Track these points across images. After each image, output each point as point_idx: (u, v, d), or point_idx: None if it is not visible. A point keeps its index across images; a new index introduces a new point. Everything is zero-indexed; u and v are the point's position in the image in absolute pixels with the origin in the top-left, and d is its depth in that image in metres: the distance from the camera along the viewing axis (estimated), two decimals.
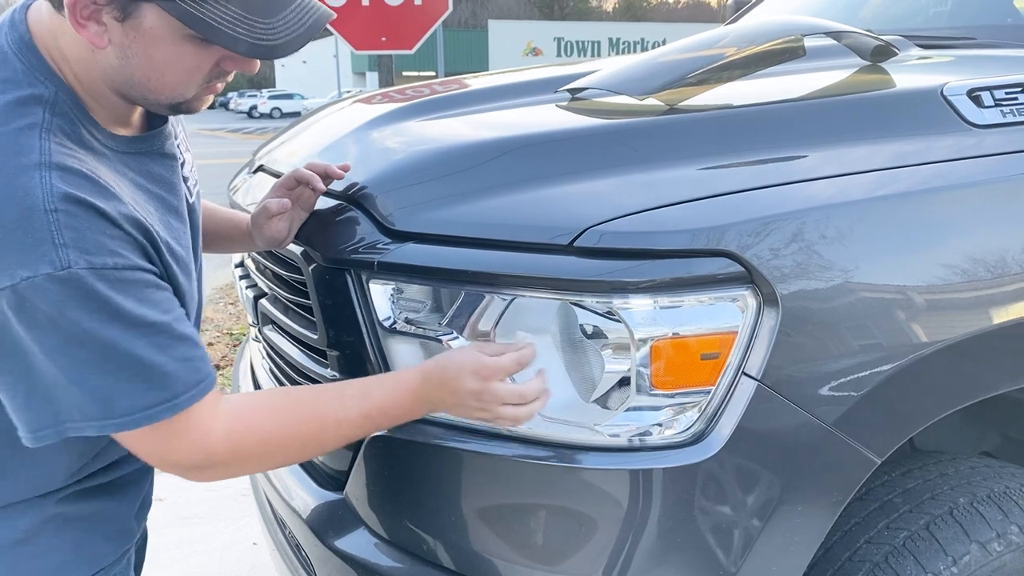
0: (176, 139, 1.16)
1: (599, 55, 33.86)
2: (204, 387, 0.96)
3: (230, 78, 1.04)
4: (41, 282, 0.85)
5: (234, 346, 4.85)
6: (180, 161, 1.15)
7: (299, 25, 0.97)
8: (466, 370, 1.00)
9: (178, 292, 1.02)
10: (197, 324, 1.09)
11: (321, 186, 1.28)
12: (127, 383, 0.91)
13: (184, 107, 1.04)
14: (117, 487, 1.16)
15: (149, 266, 0.96)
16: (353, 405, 1.03)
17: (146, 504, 1.24)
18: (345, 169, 1.28)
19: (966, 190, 1.12)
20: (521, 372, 1.02)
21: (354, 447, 1.20)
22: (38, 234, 0.86)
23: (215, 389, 0.98)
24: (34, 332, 0.87)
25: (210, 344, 4.93)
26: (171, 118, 1.14)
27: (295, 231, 1.28)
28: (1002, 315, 1.11)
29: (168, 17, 0.91)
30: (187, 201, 1.14)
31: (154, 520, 1.27)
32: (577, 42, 35.73)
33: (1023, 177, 1.15)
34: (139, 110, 1.08)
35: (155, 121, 1.12)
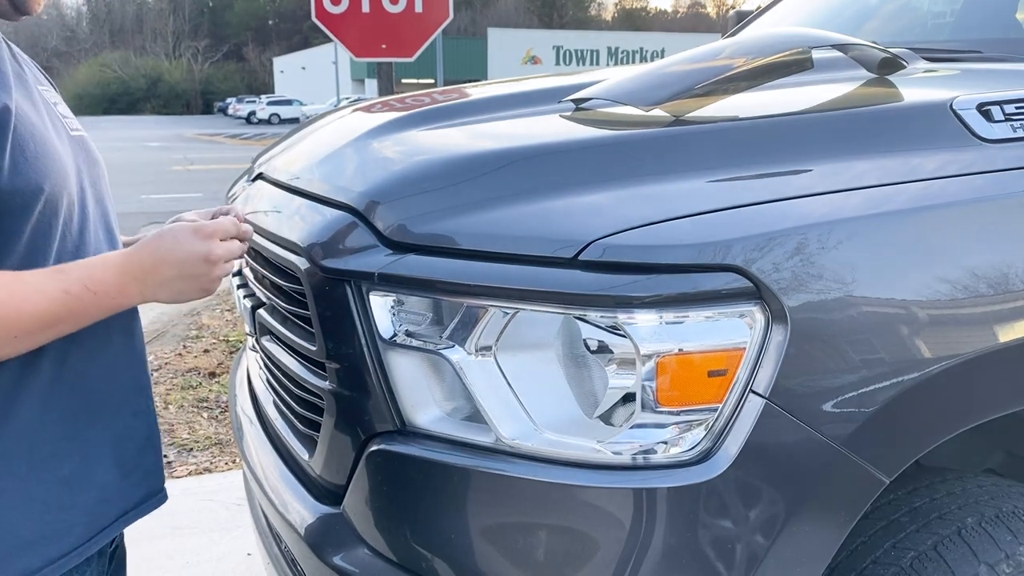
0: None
1: (598, 64, 33.97)
2: None
3: None
4: None
5: (231, 353, 4.83)
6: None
7: None
8: (185, 232, 1.06)
9: None
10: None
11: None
12: None
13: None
14: None
15: None
16: (49, 279, 1.00)
17: None
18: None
19: (977, 205, 1.10)
20: None
21: (352, 461, 1.18)
22: None
23: None
24: None
25: (206, 351, 4.91)
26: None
27: None
28: (1011, 332, 1.09)
29: None
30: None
31: (147, 530, 1.24)
32: (576, 51, 35.85)
33: None
34: None
35: None
